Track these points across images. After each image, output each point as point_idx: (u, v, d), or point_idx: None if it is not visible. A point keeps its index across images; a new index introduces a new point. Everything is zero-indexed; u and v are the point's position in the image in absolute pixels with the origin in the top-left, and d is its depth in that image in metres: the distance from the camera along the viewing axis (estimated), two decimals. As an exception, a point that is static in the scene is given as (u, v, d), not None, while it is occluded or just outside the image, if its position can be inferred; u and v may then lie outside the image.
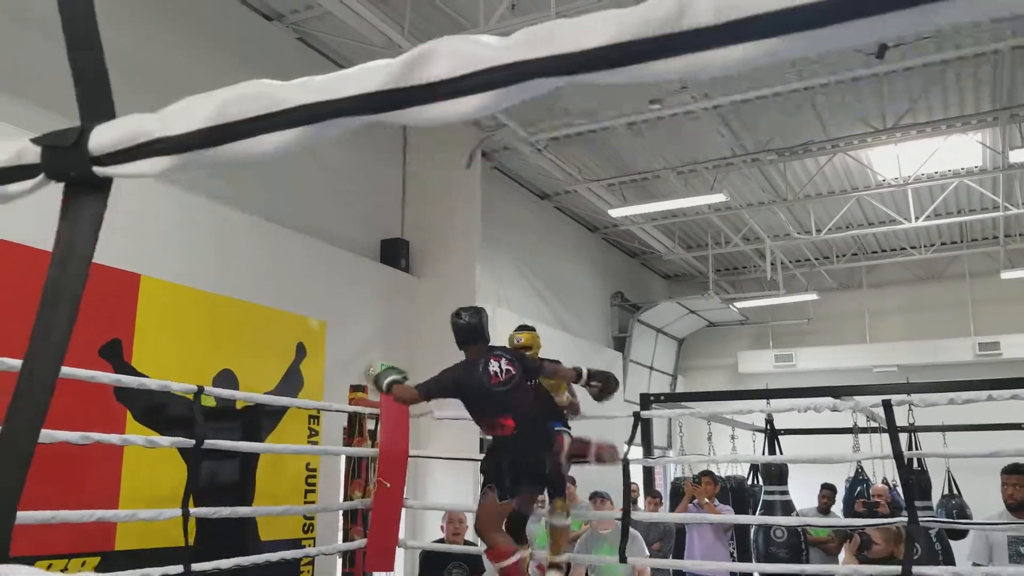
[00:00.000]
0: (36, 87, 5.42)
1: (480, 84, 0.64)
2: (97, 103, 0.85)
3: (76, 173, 0.81)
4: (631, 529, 6.17)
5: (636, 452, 10.12)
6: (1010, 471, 5.07)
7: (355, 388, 5.97)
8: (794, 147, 10.28)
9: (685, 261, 14.45)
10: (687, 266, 15.00)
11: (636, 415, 5.48)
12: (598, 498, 6.82)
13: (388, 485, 5.38)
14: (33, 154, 0.84)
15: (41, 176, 0.84)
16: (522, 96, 0.62)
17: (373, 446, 5.56)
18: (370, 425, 5.76)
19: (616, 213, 11.40)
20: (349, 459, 5.86)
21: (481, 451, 9.14)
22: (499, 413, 4.55)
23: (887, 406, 5.04)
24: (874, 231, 12.97)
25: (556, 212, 12.72)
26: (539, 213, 12.29)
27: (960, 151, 10.48)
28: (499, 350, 4.73)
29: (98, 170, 0.80)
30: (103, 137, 0.80)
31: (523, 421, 4.54)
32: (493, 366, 4.55)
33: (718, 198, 10.59)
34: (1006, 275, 12.95)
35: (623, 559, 5.28)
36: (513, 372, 4.59)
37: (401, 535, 6.86)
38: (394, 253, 9.22)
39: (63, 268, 0.80)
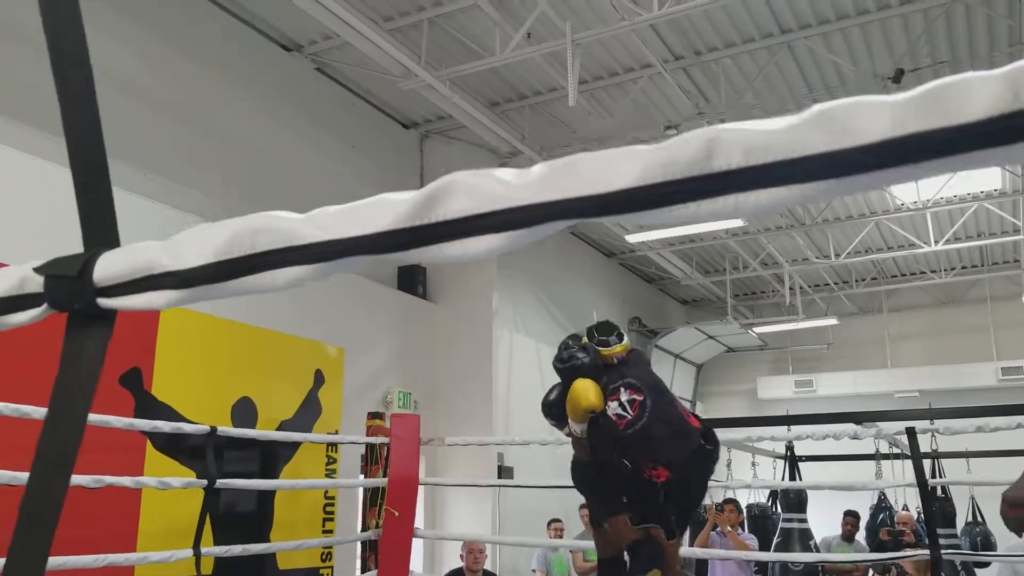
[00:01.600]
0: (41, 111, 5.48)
1: (497, 224, 0.62)
2: (103, 229, 0.82)
3: (80, 305, 0.78)
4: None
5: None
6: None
7: (373, 415, 5.99)
8: (812, 172, 10.26)
9: (703, 286, 14.40)
10: (705, 291, 14.95)
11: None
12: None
13: (397, 514, 5.37)
14: (36, 283, 0.81)
15: (44, 306, 0.80)
16: (541, 235, 0.60)
17: (385, 475, 5.56)
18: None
19: (633, 239, 11.40)
20: (368, 488, 5.86)
21: (502, 477, 9.17)
22: (645, 462, 3.49)
23: (911, 434, 5.00)
24: (893, 255, 12.88)
25: (573, 238, 12.73)
26: (555, 239, 12.29)
27: (979, 174, 10.41)
28: (615, 380, 3.65)
29: (103, 302, 0.77)
30: (109, 268, 0.77)
31: (676, 460, 3.51)
32: (612, 407, 3.55)
33: (736, 223, 10.57)
34: (1028, 298, 12.82)
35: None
36: (641, 399, 3.56)
37: (417, 566, 6.84)
38: (411, 280, 9.26)
39: (63, 399, 0.76)
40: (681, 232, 11.64)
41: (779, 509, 7.88)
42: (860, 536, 7.87)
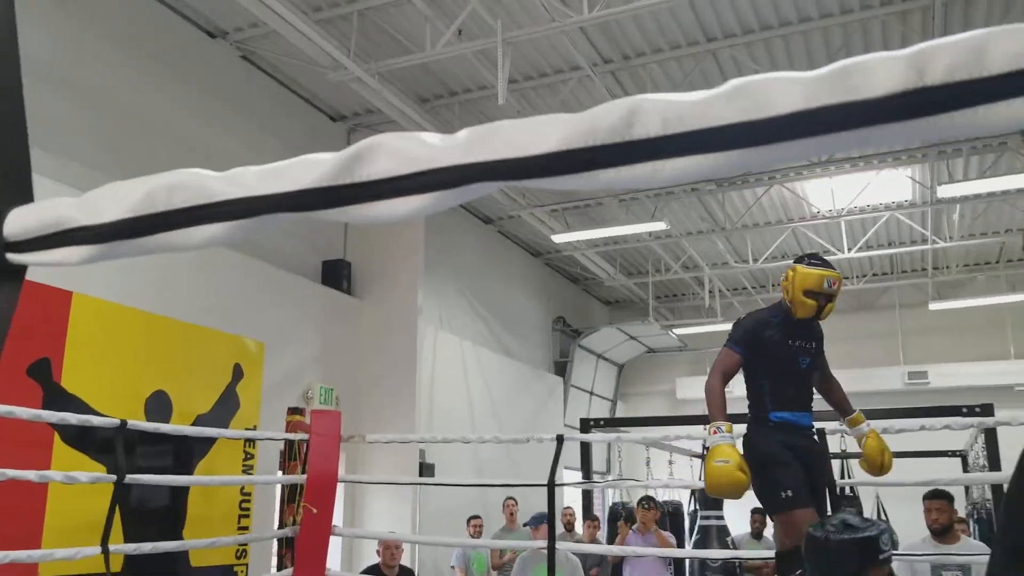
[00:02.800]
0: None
1: (421, 185, 0.62)
2: (15, 184, 0.78)
3: None
4: (571, 555, 6.20)
5: (573, 476, 10.18)
6: (932, 496, 5.23)
7: (293, 411, 5.89)
8: (733, 178, 10.53)
9: (626, 287, 14.62)
10: (628, 292, 15.17)
11: (559, 438, 5.50)
12: (534, 524, 6.82)
13: (315, 511, 5.30)
14: None
15: None
16: (466, 198, 0.61)
17: (303, 471, 5.48)
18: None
19: (559, 239, 11.49)
20: (286, 485, 5.77)
21: (423, 474, 9.13)
22: None
23: (821, 434, 5.17)
24: (808, 261, 13.29)
25: (499, 236, 12.77)
26: (483, 237, 12.32)
27: (891, 186, 10.85)
28: None
29: (12, 257, 0.75)
30: (19, 223, 0.75)
31: None
32: None
33: (659, 226, 10.76)
34: (934, 306, 13.39)
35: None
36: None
37: (334, 563, 6.77)
38: (336, 275, 9.14)
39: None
40: (606, 234, 11.81)
41: (696, 507, 8.06)
42: (769, 532, 8.11)
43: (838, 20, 7.58)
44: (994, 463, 6.32)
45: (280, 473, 5.81)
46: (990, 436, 6.41)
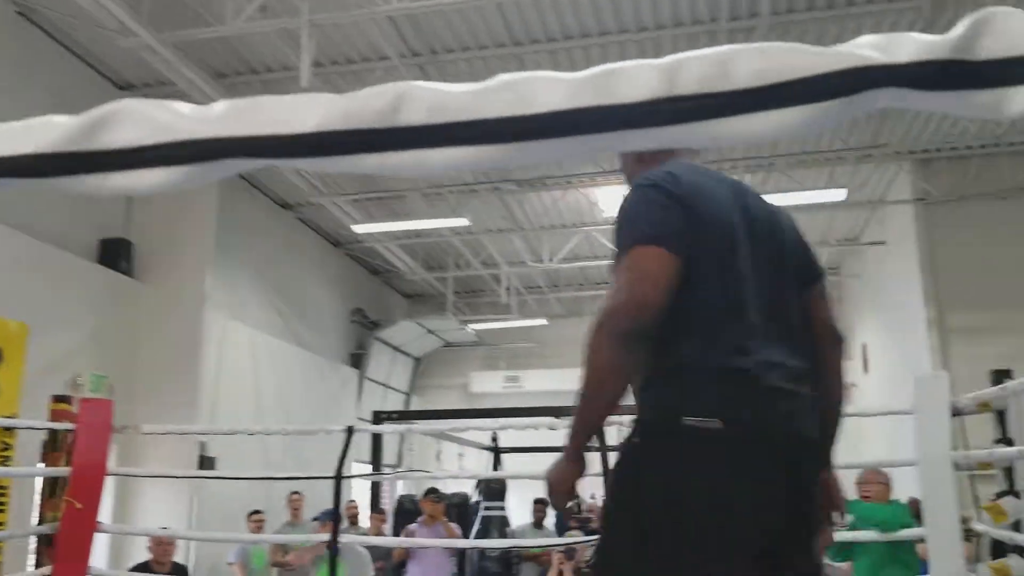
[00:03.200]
0: None
1: (170, 157, 0.57)
2: None
3: None
4: (359, 547, 6.13)
5: (364, 470, 10.06)
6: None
7: (58, 399, 5.42)
8: (532, 180, 10.83)
9: (426, 281, 14.66)
10: (427, 286, 15.22)
11: (349, 430, 5.44)
12: (323, 520, 6.70)
13: (79, 506, 4.92)
14: None
15: None
16: (221, 174, 0.57)
17: (68, 464, 5.07)
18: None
19: (360, 229, 11.33)
20: (47, 478, 5.30)
21: (203, 467, 8.69)
22: None
23: (600, 427, 5.44)
24: (598, 264, 13.96)
25: (298, 223, 12.41)
26: (280, 223, 11.91)
27: (675, 197, 11.58)
28: None
29: None
30: None
31: None
32: None
33: (460, 222, 10.88)
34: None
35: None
36: None
37: (100, 561, 6.32)
38: (115, 254, 8.51)
39: None
40: (408, 227, 11.78)
41: (480, 498, 8.22)
42: (549, 522, 8.44)
43: (634, 36, 7.98)
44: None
45: (41, 465, 5.34)
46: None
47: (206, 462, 8.72)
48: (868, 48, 0.52)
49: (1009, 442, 4.48)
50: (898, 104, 0.54)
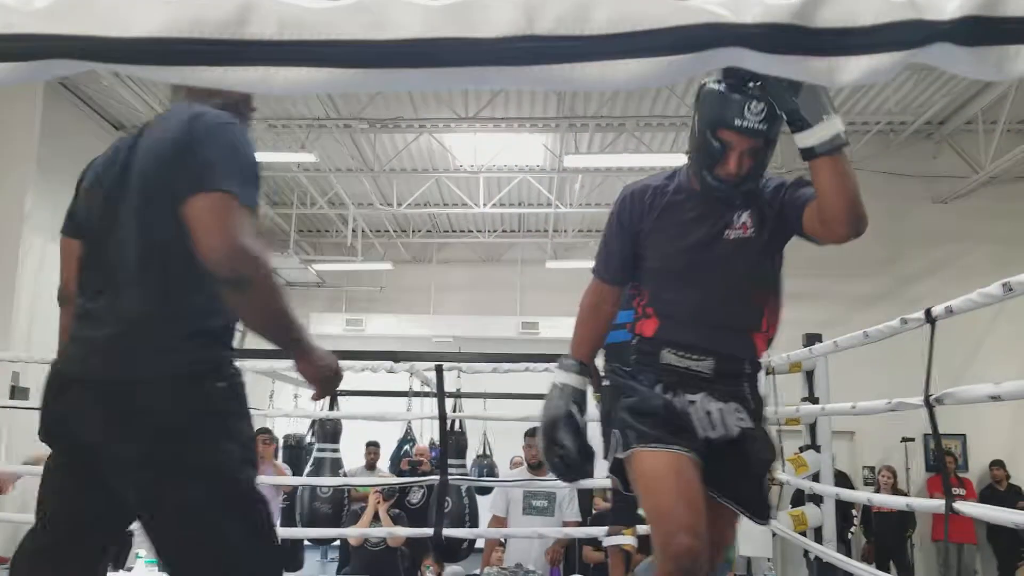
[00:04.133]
0: None
1: None
2: None
3: None
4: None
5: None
6: (531, 434, 5.82)
7: None
8: (385, 120, 10.62)
9: (268, 217, 14.16)
10: (269, 223, 14.71)
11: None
12: None
13: None
14: None
15: None
16: (44, 75, 0.51)
17: None
18: None
19: (199, 157, 10.77)
20: None
21: (15, 398, 8.12)
22: None
23: (439, 370, 5.50)
24: (448, 211, 13.93)
25: (130, 145, 11.64)
26: (106, 139, 11.13)
27: (526, 150, 11.70)
28: None
29: None
30: None
31: None
32: None
33: (308, 158, 10.54)
34: (551, 265, 14.78)
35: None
36: None
37: None
38: (-85, 163, 7.70)
39: None
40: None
41: (314, 439, 8.15)
42: (383, 464, 8.50)
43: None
44: (584, 406, 7.16)
45: None
46: (583, 382, 7.26)
47: (19, 392, 8.18)
48: (717, 5, 0.54)
49: (815, 400, 4.89)
50: (737, 63, 0.57)
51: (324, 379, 1.80)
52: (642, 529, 4.28)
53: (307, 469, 7.57)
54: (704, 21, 0.52)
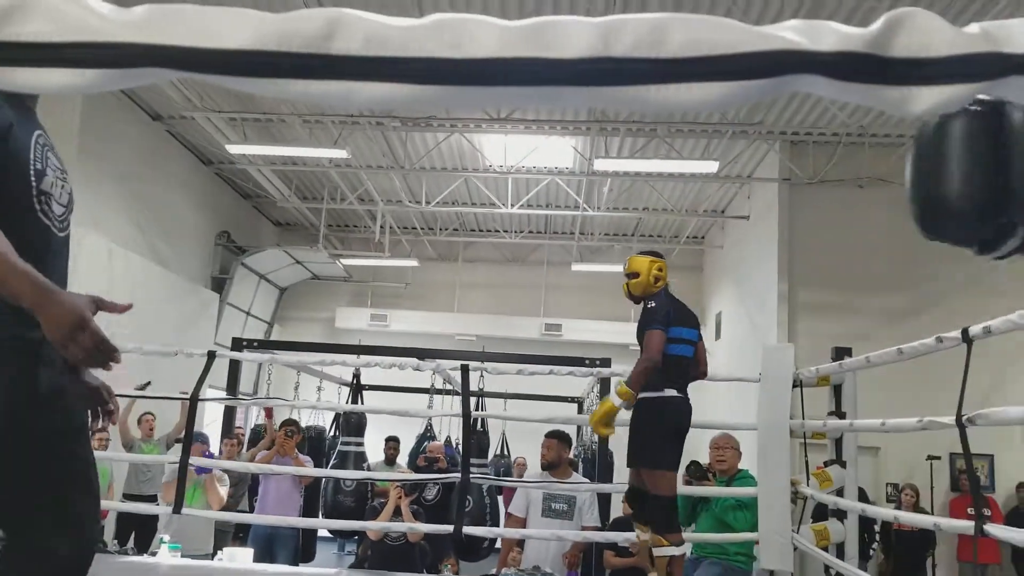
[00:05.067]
0: None
1: (82, 58, 0.52)
2: None
3: None
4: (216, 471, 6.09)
5: (218, 395, 9.81)
6: (548, 436, 5.81)
7: None
8: (418, 119, 10.66)
9: (299, 211, 14.27)
10: (300, 216, 14.83)
11: (210, 354, 5.34)
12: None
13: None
14: None
15: None
16: (134, 83, 0.53)
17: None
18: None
19: (234, 150, 10.87)
20: None
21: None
22: None
23: (464, 370, 5.52)
24: (475, 211, 13.97)
25: (168, 137, 11.77)
26: (148, 134, 11.27)
27: (556, 152, 11.69)
28: None
29: None
30: None
31: None
32: None
33: (340, 154, 10.61)
34: (576, 267, 14.78)
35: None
36: None
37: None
38: (-43, 147, 7.84)
39: None
40: (285, 152, 11.40)
41: (338, 433, 8.19)
42: (402, 459, 8.54)
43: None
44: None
45: None
46: (604, 386, 7.25)
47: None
48: (792, 32, 0.54)
49: (842, 415, 4.84)
50: (811, 90, 0.57)
51: (62, 332, 1.54)
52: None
53: (331, 462, 7.62)
54: (778, 48, 0.53)
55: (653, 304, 4.14)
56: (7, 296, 1.55)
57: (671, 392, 4.05)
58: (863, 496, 8.48)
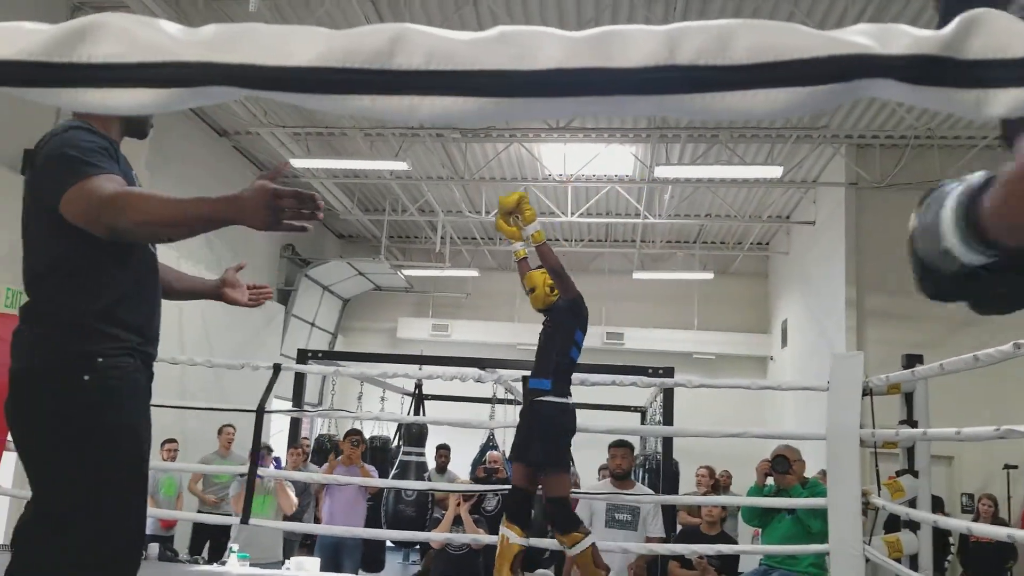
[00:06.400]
0: None
1: (154, 77, 0.55)
2: None
3: None
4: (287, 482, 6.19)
5: (284, 407, 10.00)
6: (617, 445, 5.77)
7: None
8: (477, 130, 10.74)
9: (361, 223, 14.48)
10: (362, 228, 15.05)
11: (276, 367, 5.44)
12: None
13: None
14: None
15: None
16: (203, 101, 0.54)
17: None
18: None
19: (298, 164, 11.10)
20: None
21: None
22: None
23: (525, 381, 5.52)
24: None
25: (234, 152, 12.08)
26: (215, 150, 11.58)
27: (616, 159, 11.64)
28: None
29: None
30: None
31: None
32: None
33: (401, 166, 10.74)
34: (637, 275, 14.66)
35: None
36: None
37: (6, 480, 6.18)
38: (37, 166, 8.15)
39: None
40: (347, 165, 11.59)
41: (400, 443, 8.26)
42: (452, 466, 8.57)
43: None
44: (668, 419, 7.08)
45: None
46: (668, 395, 7.17)
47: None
48: (862, 36, 0.53)
49: (914, 424, 4.70)
50: (881, 94, 0.56)
51: (265, 214, 1.75)
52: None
53: (393, 472, 7.68)
54: (848, 52, 0.52)
55: (562, 304, 4.51)
56: (204, 229, 1.87)
57: (571, 399, 4.38)
58: (938, 506, 8.24)
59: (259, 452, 5.29)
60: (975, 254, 0.63)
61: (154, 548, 5.45)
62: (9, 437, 1.88)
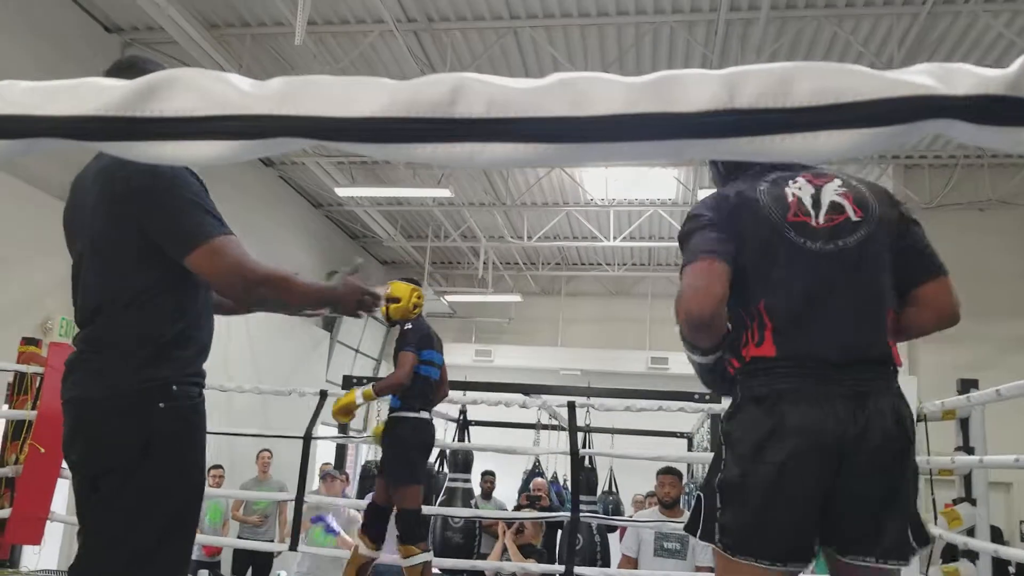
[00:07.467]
0: None
1: (224, 130, 0.57)
2: None
3: None
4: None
5: (329, 433, 10.07)
6: (665, 472, 5.70)
7: (27, 341, 5.36)
8: (519, 156, 10.79)
9: (404, 249, 14.61)
10: (405, 254, 15.18)
11: (322, 393, 5.50)
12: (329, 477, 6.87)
13: (43, 450, 4.89)
14: None
15: None
16: (272, 151, 0.56)
17: (34, 407, 5.03)
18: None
19: (343, 192, 11.25)
20: (11, 420, 5.26)
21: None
22: None
23: (571, 407, 5.49)
24: (577, 245, 13.98)
25: (279, 181, 12.29)
26: (261, 179, 11.80)
27: (658, 183, 11.61)
28: None
29: None
30: None
31: None
32: None
33: (444, 193, 10.83)
34: (681, 299, 14.55)
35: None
36: None
37: (60, 506, 6.29)
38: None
39: None
40: (391, 193, 11.72)
41: (446, 469, 8.26)
42: (498, 493, 8.54)
43: (631, 19, 7.95)
44: (715, 446, 6.98)
45: (6, 407, 5.29)
46: (714, 420, 7.07)
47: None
48: (926, 76, 0.53)
49: (970, 450, 4.58)
50: (945, 133, 0.55)
51: (357, 305, 2.07)
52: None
53: (439, 498, 7.68)
54: (911, 94, 0.52)
55: (410, 327, 4.74)
56: (311, 307, 2.07)
57: (424, 414, 4.57)
58: (997, 535, 7.98)
59: (305, 479, 5.33)
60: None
61: (203, 575, 5.51)
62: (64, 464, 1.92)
